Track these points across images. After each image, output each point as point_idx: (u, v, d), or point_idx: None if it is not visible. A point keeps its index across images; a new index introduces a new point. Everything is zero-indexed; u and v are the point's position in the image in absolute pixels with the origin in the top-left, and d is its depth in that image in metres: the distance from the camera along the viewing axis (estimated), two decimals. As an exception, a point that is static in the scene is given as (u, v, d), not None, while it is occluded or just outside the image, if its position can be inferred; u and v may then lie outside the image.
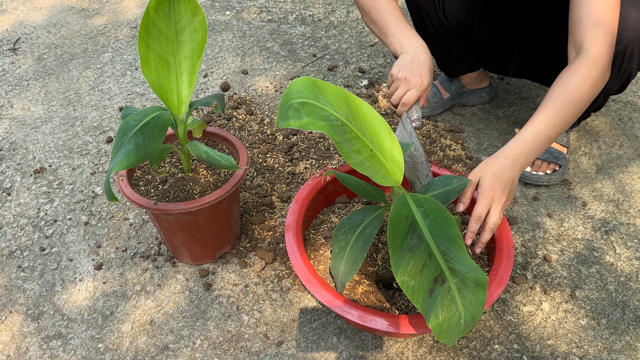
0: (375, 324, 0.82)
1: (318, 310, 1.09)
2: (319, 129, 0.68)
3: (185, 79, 0.95)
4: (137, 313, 1.10)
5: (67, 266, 1.20)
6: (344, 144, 0.71)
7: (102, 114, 1.66)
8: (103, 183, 1.19)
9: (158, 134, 0.88)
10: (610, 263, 1.16)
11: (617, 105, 1.60)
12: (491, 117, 1.58)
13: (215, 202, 1.00)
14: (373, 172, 0.74)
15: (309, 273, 0.89)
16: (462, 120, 1.57)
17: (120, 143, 0.84)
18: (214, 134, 1.18)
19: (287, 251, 1.00)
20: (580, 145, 1.47)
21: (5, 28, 2.15)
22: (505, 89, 1.69)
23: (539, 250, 1.19)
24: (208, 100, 1.03)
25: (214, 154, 0.95)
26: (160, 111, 0.91)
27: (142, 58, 0.91)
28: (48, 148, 1.53)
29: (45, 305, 1.13)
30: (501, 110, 1.61)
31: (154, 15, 0.89)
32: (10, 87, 1.81)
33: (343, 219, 0.88)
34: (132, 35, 2.07)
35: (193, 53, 0.94)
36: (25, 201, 1.37)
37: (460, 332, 0.70)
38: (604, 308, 1.08)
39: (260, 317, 1.08)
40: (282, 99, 0.70)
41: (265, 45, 1.97)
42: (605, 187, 1.34)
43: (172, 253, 1.18)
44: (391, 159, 0.76)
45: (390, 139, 0.76)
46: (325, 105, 0.71)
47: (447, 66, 1.52)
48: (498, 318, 1.07)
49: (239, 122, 1.58)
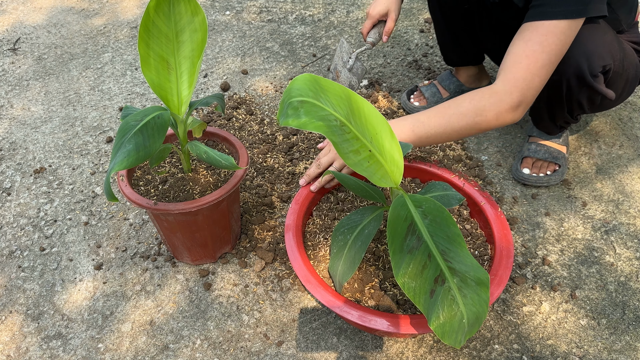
0: (375, 324, 0.82)
1: (318, 310, 1.09)
2: (316, 129, 0.68)
3: (185, 79, 0.95)
4: (137, 313, 1.10)
5: (67, 266, 1.20)
6: (342, 144, 0.71)
7: (102, 114, 1.66)
8: (103, 183, 1.19)
9: (158, 134, 0.88)
10: (610, 263, 1.16)
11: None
12: (491, 117, 1.58)
13: (215, 202, 1.00)
14: (371, 173, 0.74)
15: (309, 273, 0.89)
16: (462, 120, 1.57)
17: (120, 143, 0.84)
18: (214, 134, 1.18)
19: (287, 251, 1.00)
20: (580, 145, 1.46)
21: (5, 28, 2.15)
22: (505, 89, 1.69)
23: (538, 250, 1.19)
24: (208, 100, 1.03)
25: (213, 154, 0.95)
26: (160, 111, 0.91)
27: (142, 58, 0.91)
28: (48, 148, 1.53)
29: (45, 305, 1.13)
30: (501, 110, 1.61)
31: (154, 15, 0.89)
32: (10, 87, 1.81)
33: (342, 220, 0.88)
34: (132, 35, 2.07)
35: (193, 53, 0.94)
36: (25, 201, 1.37)
37: (465, 333, 0.70)
38: (604, 308, 1.08)
39: (260, 317, 1.08)
40: (284, 96, 0.70)
41: (265, 45, 1.97)
42: (605, 187, 1.34)
43: (172, 253, 1.18)
44: (390, 159, 0.76)
45: (391, 139, 0.76)
46: (325, 104, 0.71)
47: (451, 52, 1.52)
48: (498, 318, 1.07)
49: (239, 122, 1.58)
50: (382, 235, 1.01)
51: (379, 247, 0.98)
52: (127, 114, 1.00)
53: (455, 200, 0.87)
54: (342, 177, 0.92)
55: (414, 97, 1.60)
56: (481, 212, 1.01)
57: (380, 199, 0.91)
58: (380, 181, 0.75)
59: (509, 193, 1.33)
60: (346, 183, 0.91)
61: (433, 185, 0.91)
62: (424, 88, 1.60)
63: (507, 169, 1.40)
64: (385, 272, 0.95)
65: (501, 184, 1.36)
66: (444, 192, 0.88)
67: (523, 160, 1.36)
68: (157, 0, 0.88)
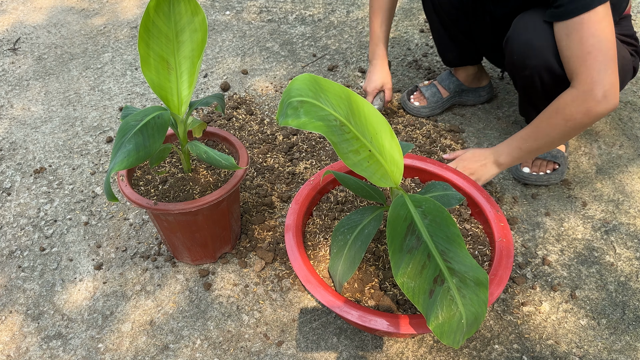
0: (375, 324, 0.82)
1: (318, 310, 1.09)
2: (316, 129, 0.68)
3: (185, 79, 0.95)
4: (137, 313, 1.10)
5: (67, 266, 1.20)
6: (341, 145, 0.71)
7: (102, 113, 1.66)
8: (103, 183, 1.19)
9: (158, 134, 0.88)
10: (610, 263, 1.16)
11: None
12: (491, 117, 1.58)
13: (215, 202, 1.01)
14: (371, 173, 0.74)
15: (309, 273, 0.89)
16: (462, 120, 1.57)
17: (120, 143, 0.84)
18: (214, 133, 1.18)
19: (287, 251, 1.00)
20: (580, 145, 1.46)
21: (5, 28, 2.15)
22: (505, 89, 1.69)
23: (538, 250, 1.19)
24: (208, 100, 1.03)
25: (214, 154, 0.95)
26: (160, 111, 0.91)
27: (142, 58, 0.91)
28: (48, 148, 1.53)
29: (45, 305, 1.13)
30: (501, 111, 1.61)
31: (154, 15, 0.89)
32: (10, 87, 1.81)
33: (342, 219, 0.88)
34: (132, 35, 2.07)
35: (193, 53, 0.94)
36: (25, 201, 1.37)
37: (463, 333, 0.70)
38: (604, 308, 1.08)
39: (260, 317, 1.08)
40: (283, 96, 0.70)
41: (265, 45, 1.97)
42: (605, 187, 1.34)
43: (172, 253, 1.18)
44: (390, 159, 0.76)
45: (390, 139, 0.76)
46: (325, 104, 0.71)
47: (448, 52, 1.52)
48: (498, 318, 1.07)
49: (239, 122, 1.58)
50: (382, 235, 1.01)
51: (379, 247, 0.98)
52: (127, 114, 1.00)
53: (455, 200, 0.87)
54: (342, 177, 0.92)
55: (414, 97, 1.60)
56: (481, 212, 1.01)
57: (380, 198, 0.91)
58: (380, 181, 0.75)
59: (509, 193, 1.33)
60: (346, 183, 0.91)
61: (433, 185, 0.91)
62: (423, 88, 1.60)
63: (506, 169, 1.40)
64: (385, 272, 0.95)
65: (501, 184, 1.36)
66: (444, 192, 0.88)
67: None
68: (157, 0, 0.88)
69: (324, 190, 1.10)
